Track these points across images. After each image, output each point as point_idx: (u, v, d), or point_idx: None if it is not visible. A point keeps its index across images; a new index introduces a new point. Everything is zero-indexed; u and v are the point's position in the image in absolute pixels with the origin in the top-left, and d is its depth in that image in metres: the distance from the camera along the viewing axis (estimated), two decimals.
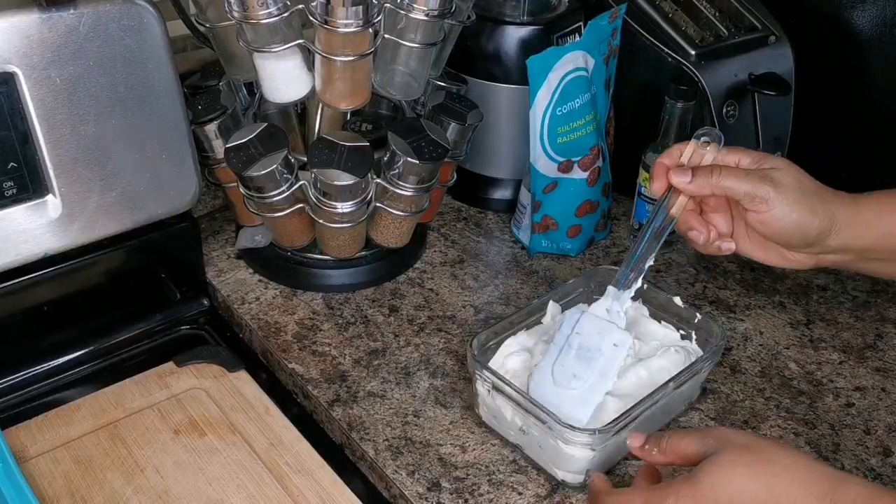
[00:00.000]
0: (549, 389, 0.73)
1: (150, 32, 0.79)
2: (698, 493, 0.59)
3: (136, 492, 0.75)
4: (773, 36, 1.07)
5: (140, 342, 0.93)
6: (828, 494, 0.55)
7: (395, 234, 0.95)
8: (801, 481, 0.57)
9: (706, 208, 0.75)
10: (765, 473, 0.57)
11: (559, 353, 0.75)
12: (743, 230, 0.74)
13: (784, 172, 0.71)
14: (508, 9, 1.05)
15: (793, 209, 0.69)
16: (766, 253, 0.74)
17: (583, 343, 0.74)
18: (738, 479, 0.58)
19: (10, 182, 0.77)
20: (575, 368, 0.73)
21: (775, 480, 0.57)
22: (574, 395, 0.73)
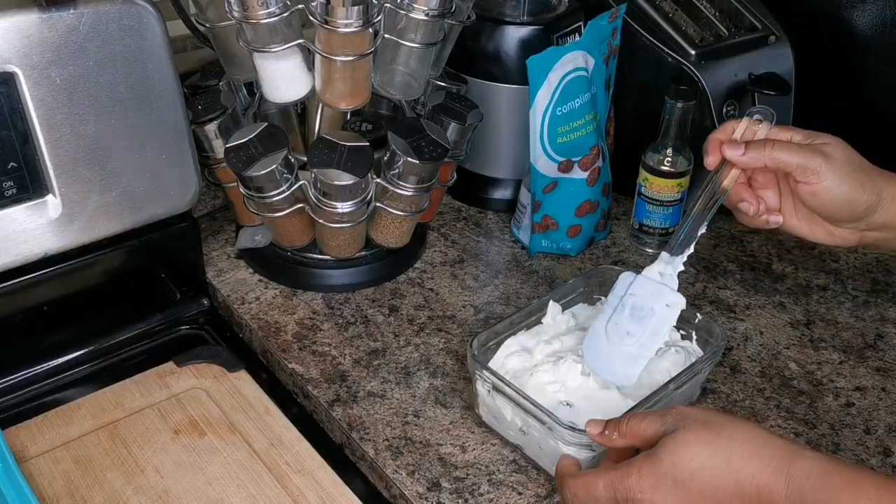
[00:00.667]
0: (603, 347, 0.75)
1: (150, 32, 0.79)
2: (659, 470, 0.59)
3: (136, 492, 0.75)
4: (773, 36, 1.07)
5: (140, 342, 0.93)
6: (784, 468, 0.56)
7: (395, 234, 0.95)
8: (758, 455, 0.57)
9: (755, 184, 0.76)
10: (723, 449, 0.58)
11: (613, 313, 0.76)
12: (790, 205, 0.76)
13: (835, 147, 0.72)
14: (508, 9, 1.05)
15: (843, 181, 0.71)
16: (813, 228, 0.76)
17: (636, 303, 0.75)
18: (697, 455, 0.59)
19: (10, 182, 0.77)
20: (628, 326, 0.75)
21: (733, 455, 0.58)
22: (626, 352, 0.74)
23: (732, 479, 0.57)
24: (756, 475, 0.57)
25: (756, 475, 0.57)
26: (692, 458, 0.59)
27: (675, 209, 1.02)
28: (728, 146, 0.73)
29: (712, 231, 1.08)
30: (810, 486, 0.55)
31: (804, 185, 0.72)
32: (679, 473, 0.59)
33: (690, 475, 0.58)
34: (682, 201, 1.01)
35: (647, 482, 0.60)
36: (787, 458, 0.56)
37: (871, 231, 0.75)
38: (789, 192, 0.75)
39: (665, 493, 0.59)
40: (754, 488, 0.56)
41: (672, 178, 1.00)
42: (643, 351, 0.74)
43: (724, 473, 0.57)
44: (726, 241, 1.07)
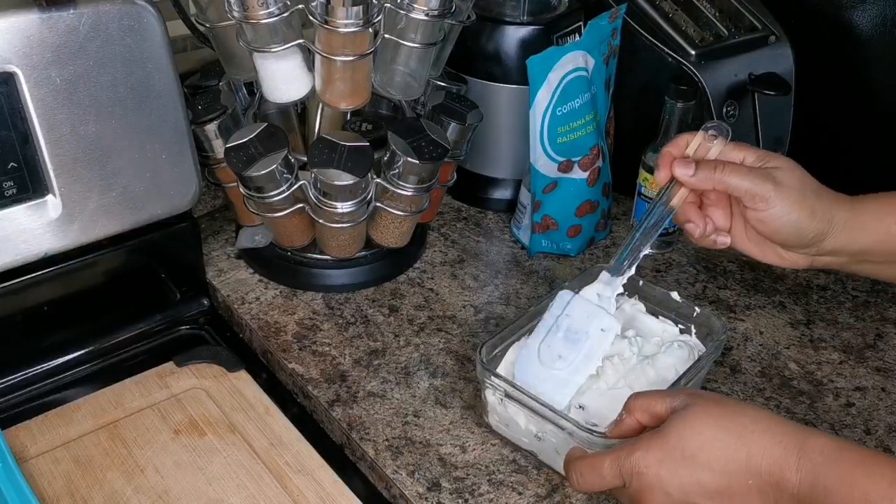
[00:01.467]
0: (535, 368, 0.74)
1: (150, 32, 0.79)
2: (667, 443, 0.59)
3: (136, 492, 0.75)
4: (773, 36, 1.07)
5: (140, 342, 0.93)
6: (796, 444, 0.56)
7: (395, 234, 0.95)
8: (770, 431, 0.57)
9: (706, 202, 0.75)
10: (734, 424, 0.58)
11: (546, 334, 0.75)
12: (741, 226, 0.74)
13: (786, 172, 0.71)
14: (508, 9, 1.05)
15: (792, 209, 0.70)
16: (763, 250, 0.75)
17: (571, 325, 0.74)
18: (707, 429, 0.58)
19: (10, 182, 0.77)
20: (561, 349, 0.74)
21: (745, 430, 0.57)
22: (557, 376, 0.73)
23: (744, 452, 0.57)
24: (767, 449, 0.56)
25: (767, 449, 0.56)
26: (702, 431, 0.58)
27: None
28: (678, 164, 0.72)
29: None
30: (822, 461, 0.54)
31: (752, 211, 0.70)
32: (687, 446, 0.58)
33: (699, 447, 0.58)
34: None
35: (653, 456, 0.59)
36: (799, 436, 0.56)
37: (823, 256, 0.73)
38: (740, 213, 0.73)
39: (672, 467, 0.58)
40: (765, 462, 0.56)
41: None
42: (574, 376, 0.73)
43: (735, 446, 0.57)
44: None
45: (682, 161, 0.72)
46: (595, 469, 0.62)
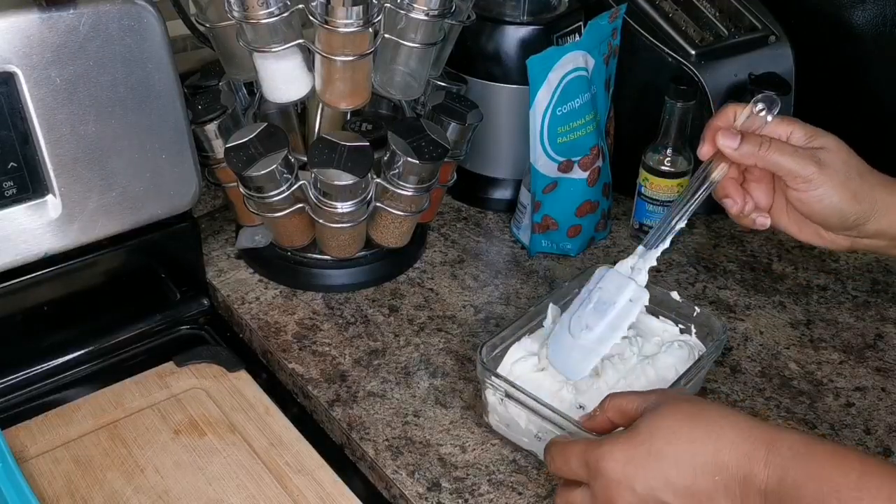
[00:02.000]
0: (564, 338, 0.75)
1: (150, 32, 0.79)
2: (635, 439, 0.59)
3: (136, 492, 0.75)
4: (773, 36, 1.07)
5: (140, 342, 0.93)
6: (765, 440, 0.55)
7: (395, 234, 0.95)
8: (739, 427, 0.57)
9: (749, 177, 0.73)
10: (704, 420, 0.58)
11: (579, 306, 0.75)
12: (782, 204, 0.73)
13: (832, 153, 0.69)
14: (508, 9, 1.05)
15: (834, 192, 0.69)
16: (802, 230, 0.74)
17: (601, 297, 0.75)
18: (675, 424, 0.58)
19: (10, 182, 0.77)
20: (589, 320, 0.74)
21: (713, 426, 0.57)
22: (583, 346, 0.74)
23: (711, 447, 0.56)
24: (736, 444, 0.56)
25: (736, 444, 0.56)
26: (670, 426, 0.58)
27: None
28: (723, 135, 0.70)
29: (711, 231, 1.08)
30: (791, 455, 0.54)
31: (794, 191, 0.70)
32: (655, 442, 0.58)
33: (668, 442, 0.58)
34: None
35: (620, 451, 0.59)
36: (769, 432, 0.56)
37: (863, 238, 0.73)
38: (781, 191, 0.73)
39: (639, 463, 0.58)
40: (733, 458, 0.56)
41: (672, 178, 1.00)
42: (598, 346, 0.73)
43: (703, 441, 0.57)
44: (726, 241, 1.07)
45: (728, 132, 0.70)
46: (563, 454, 0.63)
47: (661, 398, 0.61)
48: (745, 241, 1.07)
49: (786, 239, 1.07)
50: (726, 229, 1.09)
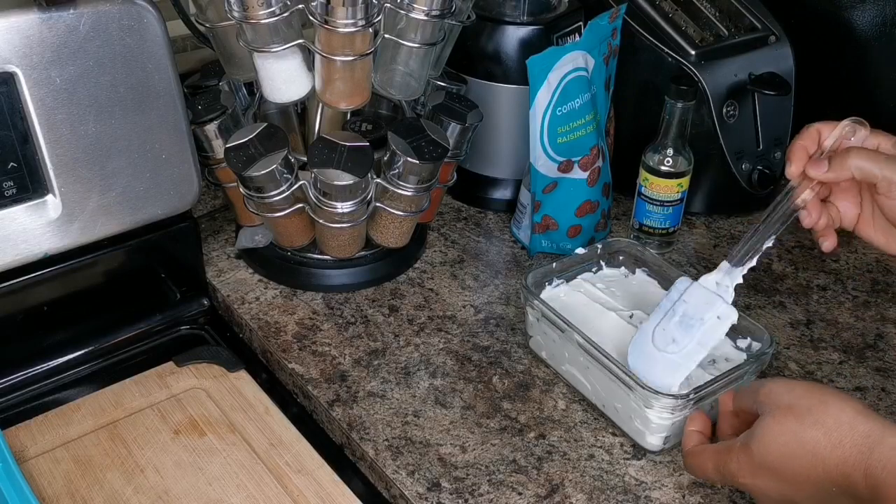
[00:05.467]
0: (648, 350, 0.75)
1: (150, 32, 0.79)
2: (752, 459, 0.62)
3: (136, 492, 0.75)
4: (773, 36, 1.07)
5: (140, 342, 0.93)
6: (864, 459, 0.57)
7: (395, 234, 0.95)
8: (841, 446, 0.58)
9: (835, 189, 0.73)
10: (808, 440, 0.59)
11: (662, 317, 0.76)
12: (869, 213, 0.73)
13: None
14: (508, 9, 1.05)
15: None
16: (888, 239, 0.73)
17: (687, 311, 0.75)
18: (783, 447, 0.60)
19: (10, 182, 0.77)
20: (675, 333, 0.75)
21: (818, 447, 0.59)
22: (669, 359, 0.74)
23: (820, 468, 0.59)
24: (839, 465, 0.58)
25: (839, 465, 0.58)
26: (778, 449, 0.60)
27: (675, 209, 1.02)
28: (811, 166, 0.70)
29: (711, 231, 1.08)
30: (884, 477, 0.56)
31: (886, 199, 0.69)
32: (770, 461, 0.61)
33: (781, 463, 0.60)
34: (682, 201, 1.01)
35: (745, 468, 0.62)
36: (867, 448, 0.57)
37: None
38: (870, 199, 0.72)
39: (763, 478, 0.61)
40: (839, 476, 0.58)
41: (672, 178, 1.00)
42: (686, 361, 0.74)
43: (811, 464, 0.59)
44: (726, 241, 1.07)
45: (815, 162, 0.70)
46: (702, 470, 0.67)
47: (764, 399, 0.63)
48: None
49: (786, 239, 1.07)
50: (726, 229, 1.09)
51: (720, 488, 0.75)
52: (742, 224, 1.10)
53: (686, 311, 0.75)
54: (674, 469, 0.77)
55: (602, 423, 0.81)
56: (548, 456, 0.78)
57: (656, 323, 0.76)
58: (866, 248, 1.05)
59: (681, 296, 0.76)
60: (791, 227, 0.74)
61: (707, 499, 0.74)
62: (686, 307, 0.75)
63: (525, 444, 0.79)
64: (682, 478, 0.76)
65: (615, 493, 0.74)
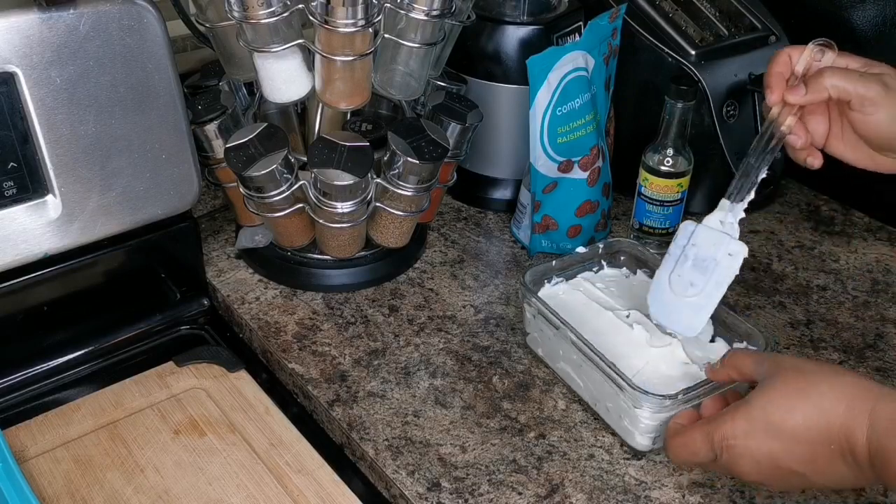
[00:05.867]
0: (667, 297, 0.76)
1: (150, 32, 0.79)
2: (751, 414, 0.62)
3: (136, 492, 0.75)
4: (773, 36, 1.07)
5: (140, 342, 0.93)
6: (866, 410, 0.58)
7: (395, 234, 0.95)
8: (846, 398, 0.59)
9: (806, 109, 0.76)
10: (814, 394, 0.60)
11: (675, 264, 0.77)
12: (839, 130, 0.75)
13: (893, 78, 0.72)
14: (508, 9, 1.05)
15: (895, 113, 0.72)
16: (857, 154, 0.76)
17: (699, 254, 0.76)
18: (787, 400, 0.61)
19: (10, 182, 0.77)
20: (692, 277, 0.76)
21: (823, 399, 0.60)
22: (691, 303, 0.75)
23: (823, 420, 0.59)
24: (843, 417, 0.59)
25: (843, 417, 0.59)
26: (783, 402, 0.61)
27: (676, 209, 1.02)
28: (789, 93, 0.73)
29: None
30: (884, 428, 0.57)
31: (859, 114, 0.72)
32: (770, 418, 0.61)
33: (782, 417, 0.60)
34: (682, 201, 1.01)
35: (739, 428, 0.62)
36: (869, 400, 0.58)
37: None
38: (839, 117, 0.75)
39: (759, 438, 0.61)
40: (842, 430, 0.58)
41: (672, 178, 1.00)
42: (707, 301, 0.76)
43: (815, 416, 0.60)
44: None
45: (793, 88, 0.73)
46: (687, 446, 0.66)
47: (772, 367, 0.64)
48: (745, 241, 1.06)
49: (786, 239, 1.07)
50: None
51: (720, 488, 0.75)
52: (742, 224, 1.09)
53: (697, 253, 0.76)
54: (674, 469, 0.77)
55: (602, 423, 0.81)
56: (548, 456, 0.78)
57: (670, 270, 0.77)
58: (866, 248, 1.06)
59: (688, 240, 0.77)
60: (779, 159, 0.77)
61: (707, 498, 0.74)
62: (696, 250, 0.76)
63: (525, 444, 0.79)
64: (681, 478, 0.76)
65: (615, 493, 0.74)
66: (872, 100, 0.71)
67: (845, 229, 1.09)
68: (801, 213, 1.12)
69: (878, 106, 0.71)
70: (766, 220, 1.11)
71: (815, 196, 1.16)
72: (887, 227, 1.09)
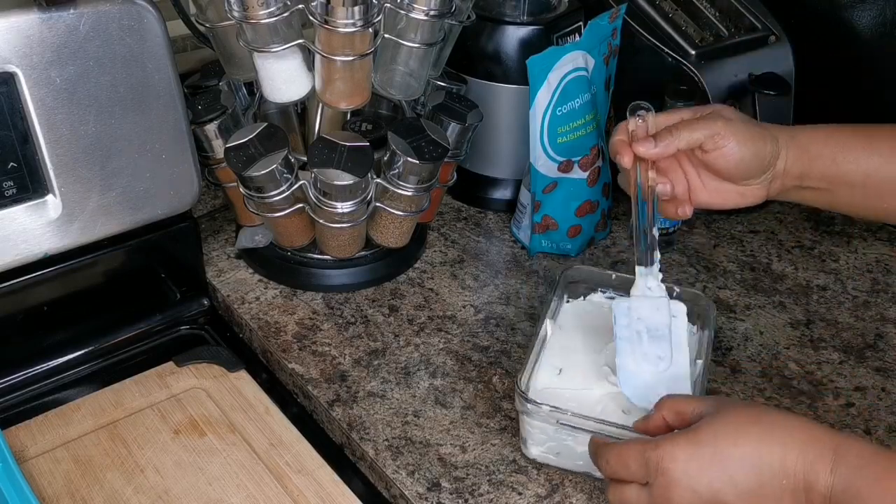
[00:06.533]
0: (642, 381, 0.74)
1: (150, 32, 0.79)
2: (698, 439, 0.59)
3: (136, 492, 0.75)
4: (773, 36, 1.07)
5: (140, 342, 0.93)
6: (832, 447, 0.56)
7: (395, 234, 0.95)
8: (807, 434, 0.57)
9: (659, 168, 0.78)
10: (770, 423, 0.58)
11: (632, 346, 0.75)
12: (698, 181, 0.78)
13: (726, 111, 0.76)
14: (508, 9, 1.05)
15: (745, 138, 0.74)
16: (724, 196, 0.78)
17: (648, 326, 0.75)
18: (742, 426, 0.58)
19: (10, 182, 0.77)
20: (656, 351, 0.75)
21: (780, 430, 0.57)
22: (666, 377, 0.74)
23: (779, 450, 0.57)
24: (804, 450, 0.56)
25: (804, 450, 0.56)
26: (736, 428, 0.58)
27: None
28: (639, 143, 0.75)
29: (712, 231, 1.08)
30: (858, 465, 0.54)
31: (714, 152, 0.74)
32: (720, 443, 0.58)
33: (734, 444, 0.58)
34: None
35: (681, 450, 0.59)
36: (835, 439, 0.56)
37: (775, 181, 0.77)
38: (694, 169, 0.77)
39: (702, 463, 0.58)
40: (799, 463, 0.56)
41: None
42: (680, 368, 0.74)
43: (769, 443, 0.57)
44: (726, 241, 1.07)
45: (642, 140, 0.75)
46: (620, 456, 0.62)
47: (719, 402, 0.62)
48: (745, 241, 1.07)
49: (785, 239, 1.07)
50: (726, 229, 1.09)
51: None
52: (742, 224, 1.09)
53: (647, 326, 0.75)
54: None
55: None
56: None
57: (631, 354, 0.75)
58: (866, 248, 1.06)
59: (628, 319, 0.76)
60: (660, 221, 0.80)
61: None
62: (644, 324, 0.75)
63: None
64: None
65: None
66: (719, 133, 0.73)
67: (845, 229, 1.09)
68: (801, 213, 1.12)
69: (727, 136, 0.74)
70: (766, 220, 1.11)
71: None
72: (887, 227, 1.09)
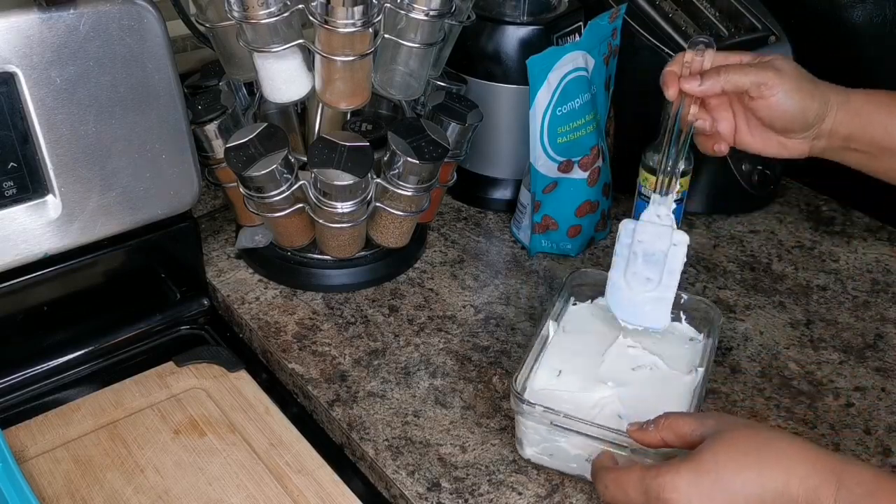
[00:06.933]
0: (626, 296, 0.78)
1: (150, 32, 0.79)
2: (700, 467, 0.58)
3: (136, 492, 0.75)
4: (773, 36, 1.07)
5: (140, 342, 0.93)
6: (835, 474, 0.56)
7: (395, 234, 0.95)
8: (810, 460, 0.57)
9: (708, 108, 0.79)
10: (773, 450, 0.57)
11: (626, 263, 0.78)
12: (744, 124, 0.79)
13: (782, 62, 0.76)
14: (508, 9, 1.05)
15: (795, 91, 0.75)
16: (765, 143, 0.79)
17: (646, 249, 0.78)
18: (743, 453, 0.57)
19: (10, 182, 0.77)
20: (646, 272, 0.78)
21: (783, 457, 0.57)
22: (650, 297, 0.78)
23: (782, 478, 0.56)
24: (807, 477, 0.56)
25: (807, 477, 0.56)
26: (737, 456, 0.57)
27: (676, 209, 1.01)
28: (685, 80, 0.76)
29: (711, 231, 1.08)
30: (861, 493, 0.54)
31: (760, 100, 0.75)
32: (722, 470, 0.57)
33: (735, 471, 0.57)
34: (682, 201, 1.01)
35: (683, 479, 0.58)
36: (838, 466, 0.56)
37: (819, 140, 0.77)
38: (742, 111, 0.78)
39: (704, 491, 0.57)
40: (802, 491, 0.55)
41: None
42: (665, 292, 0.78)
43: (772, 471, 0.56)
44: (726, 241, 1.07)
45: (688, 77, 0.76)
46: (620, 484, 0.61)
47: (720, 423, 0.61)
48: (745, 241, 1.07)
49: (785, 239, 1.07)
50: (726, 229, 1.09)
51: None
52: (742, 224, 1.10)
53: (645, 249, 0.78)
54: None
55: None
56: None
57: (623, 270, 0.79)
58: (866, 248, 1.06)
59: (632, 238, 0.78)
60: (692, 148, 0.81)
61: None
62: (643, 246, 0.78)
63: None
64: None
65: None
66: (767, 84, 0.74)
67: (845, 229, 1.09)
68: (801, 213, 1.12)
69: (774, 87, 0.74)
70: (766, 220, 1.11)
71: (815, 196, 1.16)
72: (887, 227, 1.09)
